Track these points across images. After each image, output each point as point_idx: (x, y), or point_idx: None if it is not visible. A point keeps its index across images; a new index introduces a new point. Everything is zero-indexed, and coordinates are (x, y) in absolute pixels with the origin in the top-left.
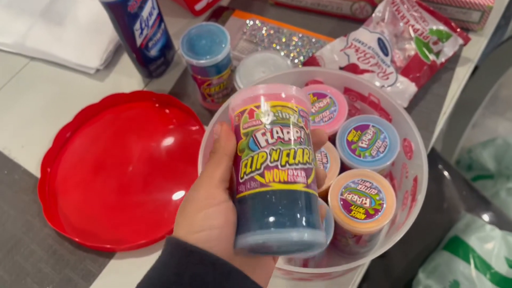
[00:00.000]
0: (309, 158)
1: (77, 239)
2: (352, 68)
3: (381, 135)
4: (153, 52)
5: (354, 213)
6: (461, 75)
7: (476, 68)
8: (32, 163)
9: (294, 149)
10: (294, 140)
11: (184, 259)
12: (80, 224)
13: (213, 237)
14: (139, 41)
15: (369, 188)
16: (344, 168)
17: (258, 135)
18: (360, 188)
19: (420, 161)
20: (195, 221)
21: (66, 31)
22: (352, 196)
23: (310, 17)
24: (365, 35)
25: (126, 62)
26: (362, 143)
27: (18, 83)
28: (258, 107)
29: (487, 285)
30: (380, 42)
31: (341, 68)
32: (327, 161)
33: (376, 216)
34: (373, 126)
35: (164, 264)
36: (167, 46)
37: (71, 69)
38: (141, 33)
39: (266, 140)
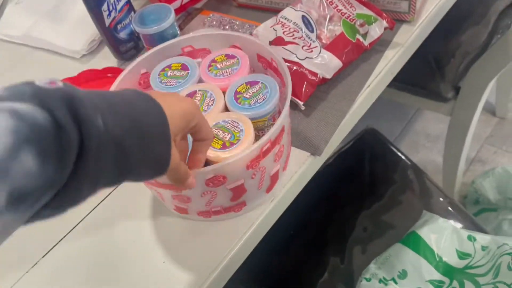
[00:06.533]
0: None
1: None
2: (278, 40)
3: (265, 90)
4: (123, 35)
5: (213, 144)
6: (390, 56)
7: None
8: None
9: None
10: None
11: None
12: None
13: None
14: (107, 21)
15: (235, 128)
16: None
17: None
18: (228, 126)
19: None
20: None
21: (62, 24)
22: (218, 131)
23: (269, 15)
24: (290, 13)
25: (108, 51)
26: (246, 94)
27: (19, 67)
28: None
29: (434, 274)
30: (305, 19)
31: (270, 42)
32: (212, 103)
33: (229, 149)
34: (262, 83)
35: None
36: (137, 33)
37: (63, 55)
38: (109, 14)
39: None
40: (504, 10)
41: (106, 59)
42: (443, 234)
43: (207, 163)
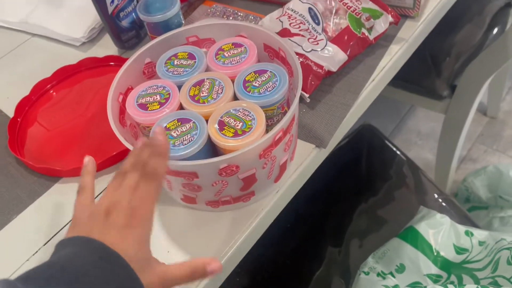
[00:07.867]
0: None
1: (30, 162)
2: (284, 32)
3: (274, 79)
4: (125, 23)
5: (225, 132)
6: (394, 51)
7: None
8: (12, 109)
9: None
10: None
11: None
12: (38, 153)
13: None
14: (110, 8)
15: (246, 116)
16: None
17: None
18: (239, 114)
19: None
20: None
21: (62, 12)
22: (229, 119)
23: (272, 7)
24: (297, 5)
25: (108, 39)
26: (256, 83)
27: (18, 54)
28: None
29: (431, 268)
30: (311, 11)
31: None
32: (222, 92)
33: (241, 137)
34: (270, 71)
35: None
36: (139, 21)
37: (62, 43)
38: (112, 1)
39: None
40: (498, 11)
41: (106, 47)
42: (440, 229)
43: (219, 152)
